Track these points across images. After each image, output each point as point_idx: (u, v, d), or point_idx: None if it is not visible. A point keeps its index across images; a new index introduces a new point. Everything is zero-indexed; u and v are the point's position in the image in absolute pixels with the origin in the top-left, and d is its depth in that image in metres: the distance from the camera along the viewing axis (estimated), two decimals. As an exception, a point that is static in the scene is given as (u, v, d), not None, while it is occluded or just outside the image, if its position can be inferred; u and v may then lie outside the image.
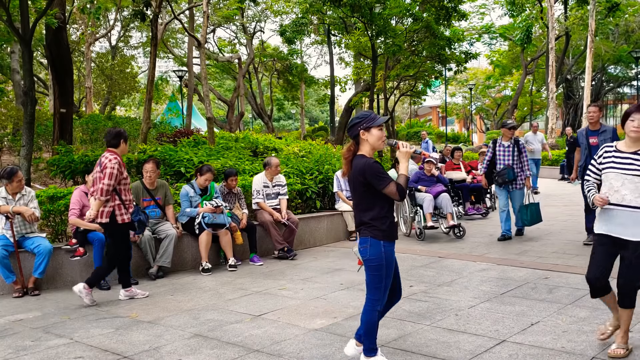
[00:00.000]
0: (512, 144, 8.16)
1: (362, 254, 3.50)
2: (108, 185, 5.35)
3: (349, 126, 3.60)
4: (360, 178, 3.48)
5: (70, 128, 11.14)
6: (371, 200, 3.49)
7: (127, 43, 34.05)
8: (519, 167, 8.10)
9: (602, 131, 7.18)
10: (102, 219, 5.47)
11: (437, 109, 57.08)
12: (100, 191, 5.34)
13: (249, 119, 55.30)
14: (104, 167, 5.43)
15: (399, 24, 15.36)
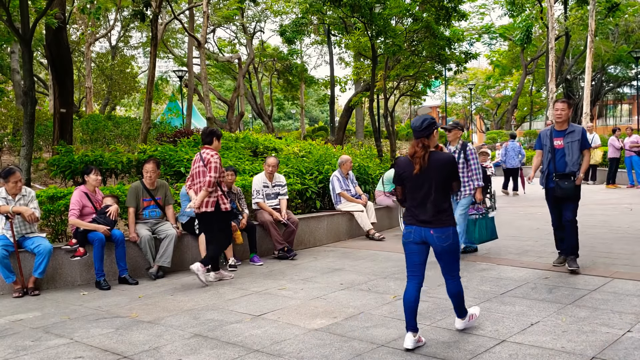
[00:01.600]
0: (458, 149, 6.94)
1: (443, 242, 3.91)
2: (214, 177, 6.05)
3: (424, 125, 3.94)
4: (444, 171, 3.93)
5: (70, 128, 11.14)
6: (446, 191, 4.00)
7: (127, 43, 34.05)
8: (465, 176, 6.84)
9: (569, 132, 6.05)
10: (207, 208, 6.11)
11: (437, 109, 57.07)
12: (208, 183, 6.02)
13: (249, 119, 55.28)
14: (207, 162, 6.11)
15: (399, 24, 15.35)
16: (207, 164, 6.11)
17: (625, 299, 4.93)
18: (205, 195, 6.07)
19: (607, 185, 15.94)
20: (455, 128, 6.98)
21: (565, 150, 6.03)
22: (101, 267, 6.15)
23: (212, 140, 6.29)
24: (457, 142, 6.98)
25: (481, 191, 6.98)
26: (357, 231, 9.10)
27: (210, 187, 6.04)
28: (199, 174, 6.19)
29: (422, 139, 3.94)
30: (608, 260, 6.56)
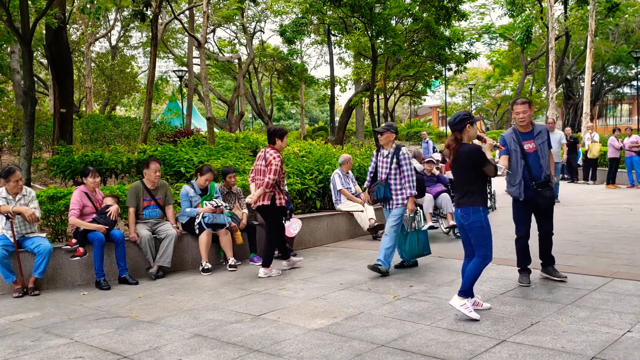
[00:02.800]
0: (391, 153, 6.34)
1: (464, 220, 4.58)
2: (273, 179, 6.36)
3: (457, 121, 4.58)
4: (469, 160, 4.56)
5: (70, 128, 11.14)
6: (474, 176, 4.59)
7: (127, 43, 34.05)
8: (397, 183, 6.29)
9: (537, 133, 5.54)
10: (263, 201, 6.48)
11: (437, 109, 57.10)
12: (266, 184, 6.35)
13: (249, 119, 55.30)
14: (269, 163, 6.41)
15: (399, 24, 15.37)
16: (268, 165, 6.42)
17: (625, 299, 4.93)
18: (262, 193, 6.44)
19: (607, 185, 15.94)
20: (388, 131, 6.35)
21: (538, 154, 5.46)
22: (101, 267, 6.15)
23: (275, 141, 6.57)
24: (390, 146, 6.38)
25: (414, 201, 6.33)
26: (357, 231, 9.10)
27: (267, 188, 6.40)
28: (260, 171, 6.56)
29: (455, 132, 4.62)
30: (608, 260, 6.56)
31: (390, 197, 6.32)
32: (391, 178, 6.31)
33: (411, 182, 6.25)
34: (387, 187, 6.32)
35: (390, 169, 6.32)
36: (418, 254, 6.49)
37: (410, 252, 6.44)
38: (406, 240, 6.41)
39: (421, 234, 6.50)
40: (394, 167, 6.30)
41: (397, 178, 6.29)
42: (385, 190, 6.33)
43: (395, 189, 6.30)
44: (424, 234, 6.54)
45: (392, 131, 6.36)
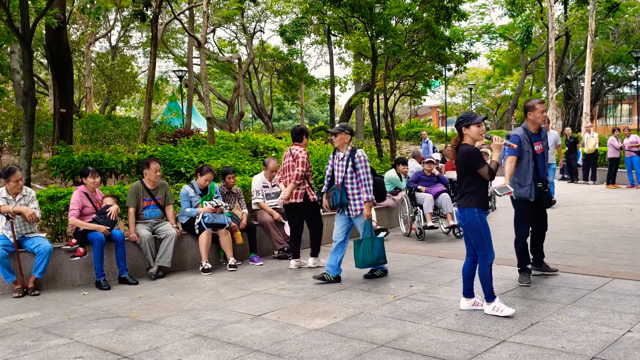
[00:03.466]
0: (346, 155, 6.04)
1: (462, 221, 4.67)
2: (302, 171, 6.60)
3: (456, 122, 4.71)
4: (463, 161, 4.60)
5: (70, 128, 11.14)
6: (470, 178, 4.59)
7: (127, 43, 34.04)
8: (354, 188, 5.96)
9: (544, 135, 5.72)
10: (296, 199, 6.71)
11: (437, 109, 57.09)
12: (296, 176, 6.59)
13: (249, 119, 55.29)
14: (296, 158, 6.69)
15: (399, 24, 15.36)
16: (295, 159, 6.71)
17: (625, 299, 4.93)
18: (294, 188, 6.68)
19: (607, 185, 15.94)
20: (342, 132, 6.01)
21: (544, 155, 5.60)
22: (101, 267, 6.15)
23: (302, 138, 6.92)
24: (345, 148, 6.04)
25: (370, 206, 5.98)
26: (357, 231, 9.08)
27: (298, 180, 6.61)
28: (289, 168, 6.81)
29: (458, 134, 4.75)
30: (608, 260, 6.56)
31: (347, 203, 5.98)
32: (347, 182, 5.97)
33: (367, 186, 5.90)
34: (343, 192, 5.98)
35: (346, 172, 5.98)
36: (372, 263, 6.01)
37: (363, 260, 5.98)
38: (360, 248, 5.98)
39: (376, 242, 6.00)
40: (350, 171, 5.96)
41: (353, 182, 5.96)
42: (341, 196, 5.98)
43: (352, 194, 5.97)
44: (379, 242, 6.03)
45: (347, 132, 6.04)
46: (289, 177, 6.75)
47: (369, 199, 5.91)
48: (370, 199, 5.92)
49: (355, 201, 5.97)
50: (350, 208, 6.00)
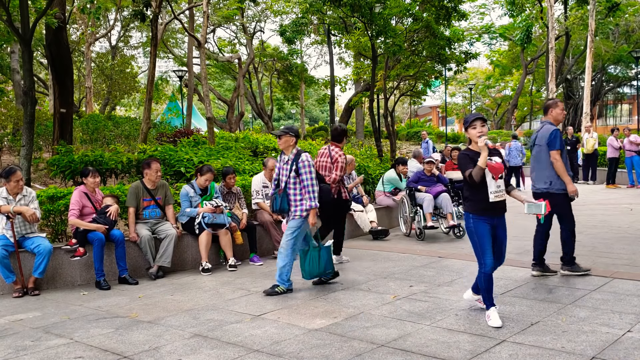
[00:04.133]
0: (290, 159, 5.68)
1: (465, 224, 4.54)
2: (339, 175, 6.75)
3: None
4: (458, 165, 4.51)
5: (70, 128, 11.14)
6: (466, 182, 4.44)
7: (127, 43, 34.05)
8: (297, 194, 5.61)
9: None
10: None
11: (437, 109, 57.11)
12: (334, 180, 6.71)
13: (249, 119, 55.29)
14: (335, 160, 6.77)
15: (399, 24, 15.36)
16: (334, 162, 6.80)
17: (625, 299, 4.93)
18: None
19: (607, 185, 15.94)
20: (286, 134, 5.67)
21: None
22: (101, 267, 6.15)
23: (342, 140, 7.01)
24: (290, 151, 5.68)
25: (315, 214, 5.58)
26: (357, 231, 9.10)
27: (334, 184, 6.75)
28: (324, 167, 6.87)
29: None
30: (608, 260, 6.56)
31: (287, 209, 5.64)
32: (290, 187, 5.62)
33: (312, 192, 5.55)
34: (284, 197, 5.63)
35: (289, 177, 5.61)
36: (319, 273, 5.75)
37: (310, 271, 5.70)
38: (306, 259, 5.68)
39: (323, 251, 5.72)
40: (293, 176, 5.60)
41: (296, 187, 5.61)
42: (282, 201, 5.62)
43: (294, 200, 5.61)
44: (326, 251, 5.74)
45: (291, 134, 5.68)
46: (326, 177, 6.74)
47: (312, 207, 5.51)
48: (314, 206, 5.52)
49: (296, 207, 5.60)
50: (290, 213, 5.64)
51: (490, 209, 4.37)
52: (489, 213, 4.38)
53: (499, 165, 4.38)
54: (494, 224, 4.44)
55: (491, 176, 4.36)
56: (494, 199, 4.35)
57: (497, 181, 4.38)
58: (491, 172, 4.34)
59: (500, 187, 4.40)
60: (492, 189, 4.35)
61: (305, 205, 5.57)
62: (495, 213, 4.41)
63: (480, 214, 4.39)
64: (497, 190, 4.37)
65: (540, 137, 5.81)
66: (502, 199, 4.42)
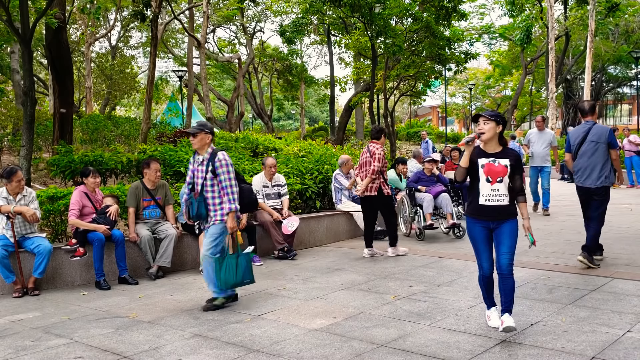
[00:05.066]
0: (206, 159, 5.17)
1: None
2: (378, 167, 7.19)
3: None
4: None
5: (70, 128, 11.14)
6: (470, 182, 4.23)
7: (127, 43, 34.04)
8: (216, 197, 5.13)
9: None
10: (370, 192, 7.28)
11: (437, 109, 57.12)
12: (372, 171, 7.18)
13: (249, 119, 55.29)
14: (373, 154, 7.27)
15: (399, 24, 15.36)
16: (372, 155, 7.28)
17: (625, 299, 4.93)
18: (369, 182, 7.24)
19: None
20: (201, 131, 5.14)
21: None
22: (101, 267, 6.15)
23: (380, 137, 7.53)
24: (205, 150, 5.17)
25: (234, 217, 5.10)
26: (357, 231, 9.10)
27: (373, 175, 7.19)
28: (365, 163, 7.35)
29: None
30: (608, 260, 6.56)
31: (205, 215, 5.14)
32: (207, 190, 5.11)
33: (231, 194, 5.06)
34: (201, 202, 5.12)
35: (205, 178, 5.11)
36: (235, 283, 5.18)
37: (226, 280, 5.11)
38: (222, 267, 5.11)
39: (242, 258, 5.23)
40: (210, 177, 5.10)
41: (214, 190, 5.11)
42: (199, 206, 5.12)
43: (213, 204, 5.12)
44: (244, 258, 5.26)
45: (207, 131, 5.16)
46: (366, 171, 7.32)
47: (232, 209, 5.04)
48: (234, 209, 5.06)
49: (216, 212, 5.12)
50: (209, 219, 5.15)
51: (483, 212, 4.10)
52: (482, 217, 4.12)
53: (501, 169, 4.04)
54: (491, 228, 4.15)
55: (485, 178, 4.05)
56: (484, 202, 4.07)
57: (494, 185, 4.04)
58: (487, 174, 4.05)
59: (499, 191, 4.06)
60: (484, 191, 4.07)
61: (225, 209, 5.08)
62: (490, 217, 4.10)
63: (473, 216, 4.18)
64: (490, 194, 4.05)
65: (599, 135, 6.21)
66: (498, 203, 4.06)
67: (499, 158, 4.09)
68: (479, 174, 4.09)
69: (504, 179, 4.06)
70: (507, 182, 4.08)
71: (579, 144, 6.36)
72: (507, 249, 4.11)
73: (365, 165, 7.35)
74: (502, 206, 4.08)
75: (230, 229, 5.13)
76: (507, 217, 4.11)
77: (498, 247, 4.15)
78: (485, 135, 4.07)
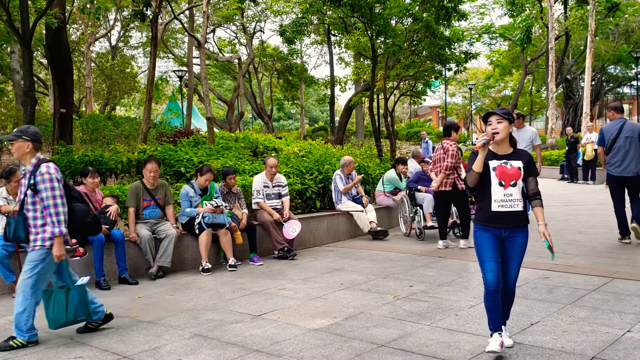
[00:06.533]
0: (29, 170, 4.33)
1: None
2: (451, 162, 7.50)
3: None
4: None
5: (70, 128, 11.15)
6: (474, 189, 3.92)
7: (127, 43, 34.05)
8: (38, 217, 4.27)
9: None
10: (445, 187, 7.61)
11: (437, 109, 57.11)
12: (445, 167, 7.53)
13: (249, 119, 55.30)
14: (446, 150, 7.61)
15: (399, 24, 15.36)
16: (446, 152, 7.61)
17: (625, 299, 4.93)
18: (444, 177, 7.56)
19: (606, 185, 15.90)
20: (19, 138, 4.29)
21: None
22: (101, 267, 6.15)
23: (451, 133, 7.80)
24: (28, 161, 4.34)
25: (60, 243, 4.22)
26: (357, 231, 9.10)
27: (447, 171, 7.52)
28: (440, 160, 7.69)
29: None
30: (608, 260, 6.56)
31: (24, 237, 4.34)
32: (28, 209, 4.28)
33: (55, 215, 4.19)
34: (20, 222, 4.32)
35: (26, 194, 4.27)
36: (66, 322, 4.40)
37: (55, 319, 4.35)
38: (50, 302, 4.35)
39: (73, 292, 4.40)
40: (31, 194, 4.25)
41: (36, 209, 4.27)
42: (17, 227, 4.32)
43: (34, 225, 4.27)
44: (77, 292, 4.42)
45: (26, 138, 4.29)
46: (440, 167, 7.66)
47: (55, 234, 4.18)
48: (58, 233, 4.19)
49: (37, 235, 4.26)
50: (30, 245, 4.30)
51: (496, 219, 3.74)
52: (495, 224, 3.76)
53: (514, 172, 3.73)
54: (502, 236, 3.76)
55: (498, 182, 3.73)
56: (497, 208, 3.73)
57: (507, 189, 3.71)
58: (499, 177, 3.73)
59: (512, 196, 3.72)
60: (496, 196, 3.73)
61: (47, 232, 4.21)
62: (503, 225, 3.74)
63: (483, 223, 3.80)
64: (503, 199, 3.72)
65: (632, 131, 7.26)
66: (512, 209, 3.72)
67: (511, 160, 3.77)
68: (490, 178, 3.76)
69: (517, 183, 3.74)
70: (520, 186, 3.75)
71: (614, 139, 7.34)
72: (516, 265, 3.79)
73: (440, 162, 7.68)
74: (517, 212, 3.74)
75: (56, 257, 4.22)
76: (520, 224, 3.78)
77: (507, 263, 3.79)
78: (499, 135, 3.73)
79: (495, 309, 3.70)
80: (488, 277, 3.70)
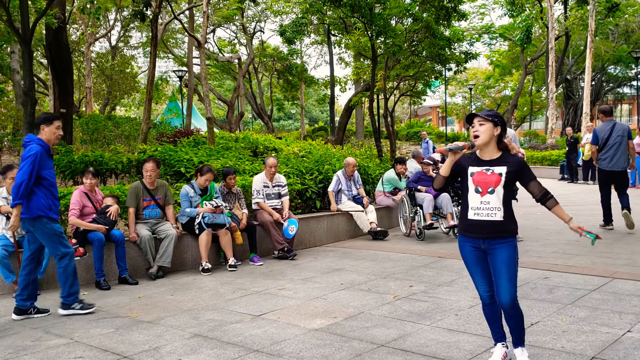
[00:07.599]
0: None
1: None
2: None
3: None
4: None
5: (70, 128, 11.15)
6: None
7: (127, 43, 34.05)
8: None
9: None
10: None
11: (437, 109, 57.14)
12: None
13: (249, 119, 55.30)
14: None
15: (399, 24, 15.36)
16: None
17: (625, 299, 4.93)
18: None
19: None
20: None
21: None
22: (101, 267, 6.15)
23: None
24: None
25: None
26: (357, 231, 9.10)
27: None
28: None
29: None
30: (608, 260, 6.56)
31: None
32: None
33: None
34: None
35: None
36: None
37: None
38: None
39: None
40: None
41: None
42: None
43: None
44: None
45: None
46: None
47: None
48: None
49: None
50: None
51: (472, 228, 3.44)
52: (471, 234, 3.46)
53: (494, 179, 3.39)
54: (482, 248, 3.44)
55: (474, 189, 3.42)
56: (473, 216, 3.42)
57: (485, 196, 3.39)
58: (476, 184, 3.42)
59: (489, 203, 3.38)
60: (473, 204, 3.43)
61: None
62: (480, 235, 3.41)
63: (462, 232, 3.54)
64: (480, 207, 3.40)
65: (623, 131, 8.41)
66: (489, 219, 3.38)
67: (495, 166, 3.42)
68: (467, 184, 3.48)
69: (495, 190, 3.38)
70: (500, 194, 3.39)
71: (607, 138, 8.41)
72: (506, 281, 3.36)
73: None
74: (494, 222, 3.38)
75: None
76: (499, 234, 3.40)
77: (496, 279, 3.42)
78: (480, 139, 3.42)
79: (495, 320, 3.57)
80: (479, 291, 3.58)
